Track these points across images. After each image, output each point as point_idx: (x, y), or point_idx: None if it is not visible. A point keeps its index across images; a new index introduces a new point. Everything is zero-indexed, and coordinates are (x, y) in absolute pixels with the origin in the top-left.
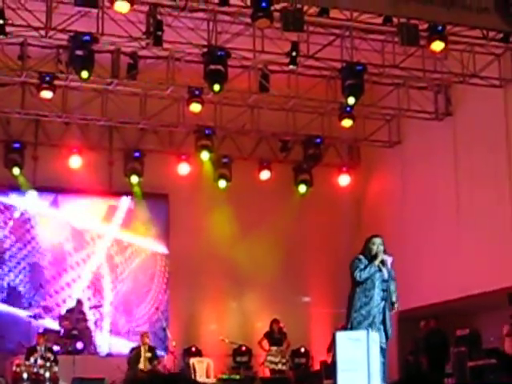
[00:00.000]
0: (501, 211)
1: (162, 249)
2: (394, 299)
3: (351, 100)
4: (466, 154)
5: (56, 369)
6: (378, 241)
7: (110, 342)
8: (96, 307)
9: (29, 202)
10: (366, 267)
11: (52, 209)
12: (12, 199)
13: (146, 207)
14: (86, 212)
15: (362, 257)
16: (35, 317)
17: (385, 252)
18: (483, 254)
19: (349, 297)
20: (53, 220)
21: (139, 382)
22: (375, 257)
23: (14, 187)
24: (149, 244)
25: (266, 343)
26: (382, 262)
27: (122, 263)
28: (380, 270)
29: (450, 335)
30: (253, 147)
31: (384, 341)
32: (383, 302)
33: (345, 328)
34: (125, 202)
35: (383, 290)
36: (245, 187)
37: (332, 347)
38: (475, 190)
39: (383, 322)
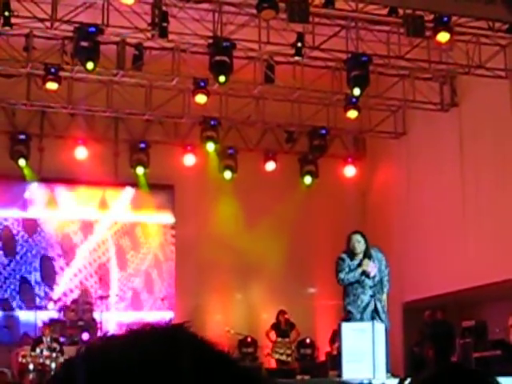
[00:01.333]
0: (507, 201)
1: (168, 240)
2: (385, 290)
3: (357, 91)
4: (471, 145)
5: (62, 359)
6: (359, 238)
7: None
8: (102, 298)
9: (35, 193)
10: (349, 271)
11: (58, 199)
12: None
13: (151, 198)
14: (91, 203)
15: (344, 256)
16: (41, 307)
17: (367, 248)
18: (489, 245)
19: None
20: (59, 210)
21: None
22: (358, 254)
23: (20, 178)
24: (155, 234)
25: (273, 334)
26: (364, 272)
27: (128, 253)
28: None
29: (455, 326)
30: (258, 138)
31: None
32: (372, 298)
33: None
34: (130, 192)
35: (371, 287)
36: (250, 178)
37: (335, 339)
38: (481, 180)
39: (375, 313)
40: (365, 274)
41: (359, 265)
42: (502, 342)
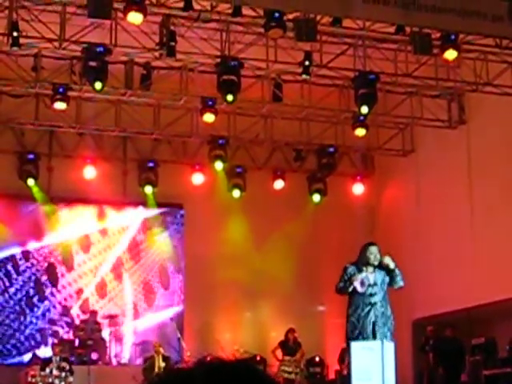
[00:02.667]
0: None
1: (176, 258)
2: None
3: (364, 109)
4: (480, 162)
5: (71, 379)
6: (374, 250)
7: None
8: (111, 317)
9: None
10: (347, 281)
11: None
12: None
13: (160, 217)
14: (100, 221)
15: (349, 266)
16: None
17: (381, 259)
18: (498, 262)
19: None
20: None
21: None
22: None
23: (29, 198)
24: (164, 252)
25: (279, 352)
26: (353, 289)
27: (136, 271)
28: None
29: (465, 344)
30: (266, 157)
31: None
32: (371, 307)
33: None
34: (140, 212)
35: (371, 295)
36: (259, 197)
37: (344, 357)
38: (489, 197)
39: (375, 324)
40: (354, 289)
41: (350, 279)
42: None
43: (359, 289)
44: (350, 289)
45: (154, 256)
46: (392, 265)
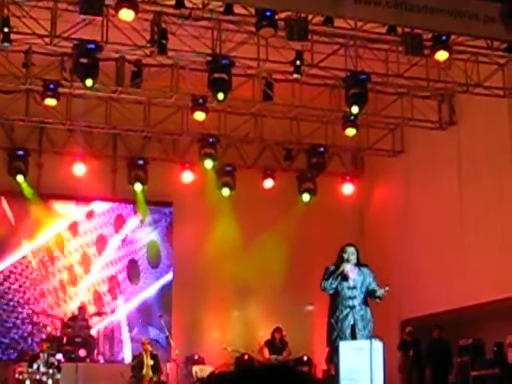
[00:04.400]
0: (505, 219)
1: (165, 256)
2: (378, 294)
3: (355, 109)
4: (469, 163)
5: (59, 376)
6: (349, 249)
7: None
8: (99, 314)
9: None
10: (328, 277)
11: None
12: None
13: (149, 215)
14: (89, 219)
15: (330, 266)
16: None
17: (358, 261)
18: (487, 263)
19: None
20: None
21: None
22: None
23: (18, 195)
24: (152, 251)
25: (266, 351)
26: (342, 273)
27: (123, 270)
28: (344, 279)
29: (452, 345)
30: (256, 156)
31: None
32: (350, 310)
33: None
34: (128, 209)
35: (350, 298)
36: (248, 196)
37: (331, 358)
38: (479, 198)
39: (355, 327)
40: (344, 276)
41: (338, 268)
42: (499, 360)
43: (350, 274)
44: (336, 283)
45: (142, 253)
46: (351, 275)
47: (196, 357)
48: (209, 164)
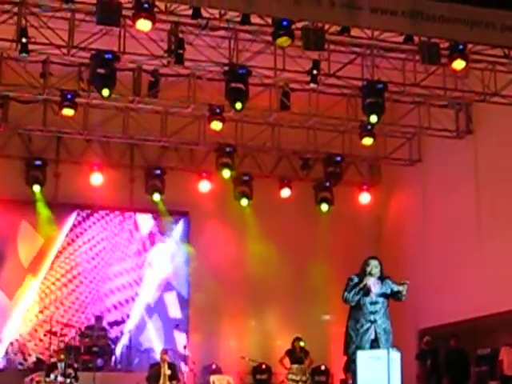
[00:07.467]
0: None
1: (182, 266)
2: (399, 289)
3: (374, 118)
4: (487, 172)
5: None
6: (373, 263)
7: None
8: (117, 324)
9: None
10: (351, 290)
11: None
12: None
13: (168, 224)
14: (108, 229)
15: (354, 276)
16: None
17: (381, 274)
18: (505, 272)
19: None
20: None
21: None
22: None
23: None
24: (170, 260)
25: (287, 361)
26: (365, 287)
27: (145, 279)
28: (366, 295)
29: (470, 354)
30: (273, 165)
31: None
32: (371, 324)
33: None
34: (147, 219)
35: (372, 313)
36: (265, 205)
37: (348, 367)
38: (496, 207)
39: (375, 342)
40: (367, 290)
41: (361, 281)
42: None
43: (373, 289)
44: (358, 296)
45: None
46: (373, 289)
47: (213, 366)
48: (226, 173)
